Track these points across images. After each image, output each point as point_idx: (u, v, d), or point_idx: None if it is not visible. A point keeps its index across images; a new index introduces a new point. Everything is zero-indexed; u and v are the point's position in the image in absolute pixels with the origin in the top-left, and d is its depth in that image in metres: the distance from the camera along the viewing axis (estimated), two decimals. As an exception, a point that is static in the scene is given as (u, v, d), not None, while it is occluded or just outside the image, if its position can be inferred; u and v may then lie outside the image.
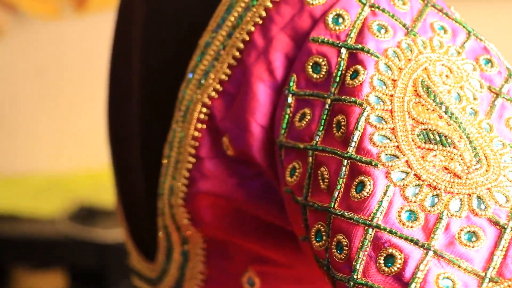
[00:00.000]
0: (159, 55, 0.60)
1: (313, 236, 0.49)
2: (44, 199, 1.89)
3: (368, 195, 0.46)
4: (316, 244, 0.49)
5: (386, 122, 0.48)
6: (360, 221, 0.45)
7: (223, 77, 0.54)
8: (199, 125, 0.56)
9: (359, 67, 0.49)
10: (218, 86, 0.55)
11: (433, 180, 0.45)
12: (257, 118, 0.53)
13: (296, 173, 0.51)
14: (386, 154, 0.46)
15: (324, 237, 0.48)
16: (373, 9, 0.51)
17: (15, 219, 1.81)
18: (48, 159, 1.33)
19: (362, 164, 0.47)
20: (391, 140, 0.47)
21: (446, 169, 0.46)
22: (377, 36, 0.50)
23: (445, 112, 0.48)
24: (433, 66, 0.50)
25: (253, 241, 0.60)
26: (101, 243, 1.67)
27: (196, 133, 0.56)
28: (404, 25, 0.51)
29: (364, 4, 0.51)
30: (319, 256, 0.49)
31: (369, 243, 0.45)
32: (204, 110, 0.55)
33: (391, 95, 0.49)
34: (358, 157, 0.47)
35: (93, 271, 1.76)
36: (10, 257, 1.79)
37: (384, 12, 0.51)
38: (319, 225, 0.49)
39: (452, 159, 0.46)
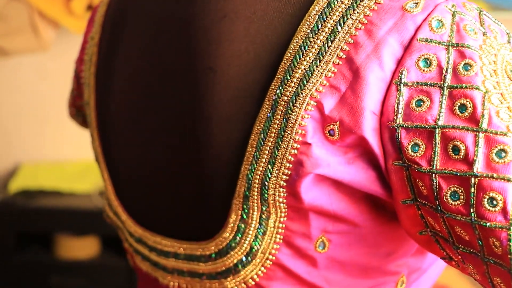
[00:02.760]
0: (239, 52, 0.59)
1: (446, 197, 0.52)
2: (81, 178, 1.98)
3: (511, 159, 0.50)
4: (452, 203, 0.51)
5: (502, 102, 0.52)
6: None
7: (329, 74, 0.55)
8: (306, 116, 0.55)
9: (470, 60, 0.53)
10: (324, 82, 0.55)
11: None
12: (370, 105, 0.54)
13: (420, 149, 0.53)
14: None
15: (462, 197, 0.51)
16: (459, 15, 0.55)
17: (59, 194, 1.93)
18: (86, 148, 1.35)
19: (498, 136, 0.50)
20: (510, 117, 0.52)
21: None
22: (471, 36, 0.54)
23: None
24: (508, 57, 0.55)
25: (339, 209, 0.60)
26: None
27: (304, 122, 0.56)
28: (479, 28, 0.55)
29: (454, 12, 0.55)
30: (456, 212, 0.51)
31: None
32: (312, 102, 0.55)
33: (497, 82, 0.53)
34: (493, 130, 0.50)
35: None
36: (54, 225, 1.87)
37: (466, 18, 0.55)
38: (455, 188, 0.51)
39: None
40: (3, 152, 2.17)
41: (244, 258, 0.62)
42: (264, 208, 0.59)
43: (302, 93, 0.56)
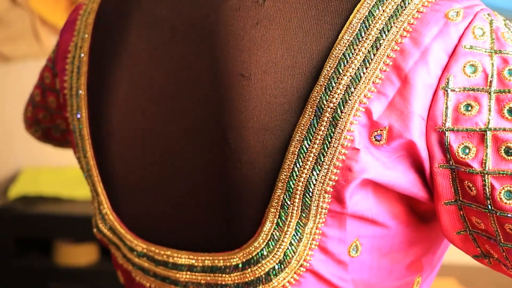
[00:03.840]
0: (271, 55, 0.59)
1: (500, 197, 0.54)
2: (81, 185, 1.96)
3: None
4: (506, 202, 0.54)
5: None
6: None
7: (377, 80, 0.56)
8: (355, 122, 0.56)
9: None
10: (372, 88, 0.56)
11: None
12: (419, 110, 0.56)
13: (471, 151, 0.55)
14: None
15: None
16: (495, 23, 0.57)
17: (58, 200, 1.93)
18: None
19: None
20: None
21: None
22: (509, 43, 0.57)
23: None
24: None
25: (376, 213, 0.61)
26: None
27: (352, 128, 0.56)
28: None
29: (490, 20, 0.57)
30: (509, 210, 0.54)
31: None
32: (361, 108, 0.56)
33: None
34: None
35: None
36: (54, 231, 1.86)
37: (500, 26, 0.58)
38: (508, 187, 0.54)
39: None
40: (4, 157, 2.18)
41: (276, 266, 0.61)
42: (303, 215, 0.59)
43: (350, 100, 0.56)
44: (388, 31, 0.57)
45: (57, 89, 0.83)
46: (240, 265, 0.62)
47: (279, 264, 0.61)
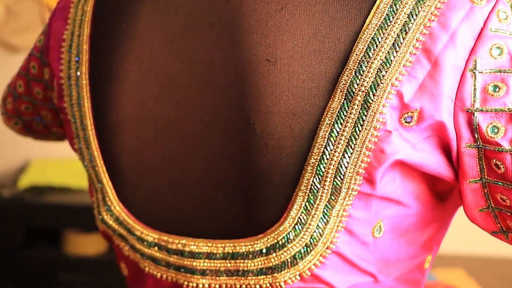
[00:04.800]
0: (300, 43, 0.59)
1: None
2: None
3: None
4: None
5: None
6: None
7: (407, 63, 0.57)
8: (387, 104, 0.57)
9: None
10: (403, 71, 0.57)
11: None
12: (448, 92, 0.58)
13: (500, 130, 0.57)
14: None
15: None
16: None
17: (67, 190, 1.94)
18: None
19: None
20: None
21: None
22: None
23: None
24: None
25: (401, 193, 0.63)
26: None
27: (384, 111, 0.57)
28: None
29: (511, 4, 0.59)
30: None
31: None
32: (392, 91, 0.57)
33: None
34: None
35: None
36: (63, 221, 1.87)
37: None
38: None
39: None
40: (13, 149, 2.18)
41: (303, 250, 0.62)
42: (332, 198, 0.60)
43: (382, 83, 0.57)
44: (416, 15, 0.58)
45: (45, 79, 0.82)
46: (264, 250, 0.62)
47: (305, 247, 0.62)
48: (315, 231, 0.61)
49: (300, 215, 0.61)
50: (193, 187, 0.65)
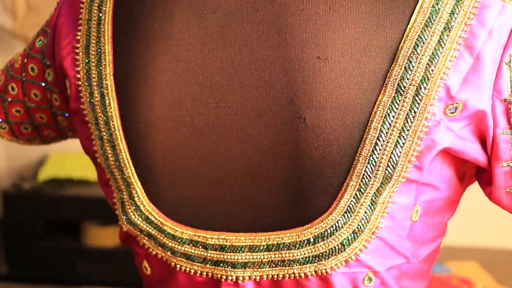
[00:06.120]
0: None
1: None
2: None
3: None
4: None
5: None
6: None
7: (452, 59, 0.62)
8: (436, 97, 0.62)
9: None
10: (449, 66, 0.62)
11: None
12: (487, 83, 0.63)
13: None
14: None
15: None
16: None
17: (87, 183, 1.94)
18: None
19: None
20: None
21: None
22: None
23: None
24: None
25: (440, 179, 0.68)
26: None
27: (434, 103, 0.62)
28: None
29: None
30: None
31: None
32: (441, 84, 0.62)
33: None
34: None
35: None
36: (82, 214, 1.88)
37: None
38: None
39: None
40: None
41: (350, 236, 0.65)
42: (382, 186, 0.64)
43: (432, 77, 0.62)
44: (457, 14, 0.62)
45: (46, 81, 0.80)
46: (312, 239, 0.65)
47: (352, 234, 0.65)
48: (362, 218, 0.64)
49: (350, 203, 0.64)
50: (235, 183, 0.67)
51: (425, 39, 0.62)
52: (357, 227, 0.65)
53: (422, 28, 0.63)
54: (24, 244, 1.87)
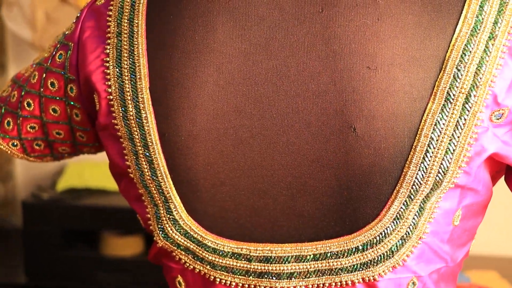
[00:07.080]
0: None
1: None
2: None
3: None
4: None
5: None
6: None
7: (498, 67, 0.64)
8: (484, 104, 0.64)
9: None
10: (496, 73, 0.64)
11: None
12: None
13: None
14: None
15: None
16: None
17: (105, 192, 1.95)
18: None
19: None
20: None
21: None
22: None
23: None
24: None
25: (482, 183, 0.69)
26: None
27: (482, 110, 0.64)
28: None
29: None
30: None
31: None
32: (489, 92, 0.64)
33: None
34: None
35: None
36: (100, 223, 1.88)
37: None
38: None
39: None
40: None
41: (398, 243, 0.65)
42: (432, 192, 0.65)
43: (480, 86, 0.64)
44: (500, 23, 0.64)
45: (68, 96, 0.78)
46: (361, 247, 0.66)
47: (400, 240, 0.66)
48: (411, 224, 0.65)
49: (400, 210, 0.65)
50: (279, 193, 0.67)
51: (472, 48, 0.64)
52: (405, 233, 0.65)
53: (468, 37, 0.64)
54: (42, 254, 1.88)
